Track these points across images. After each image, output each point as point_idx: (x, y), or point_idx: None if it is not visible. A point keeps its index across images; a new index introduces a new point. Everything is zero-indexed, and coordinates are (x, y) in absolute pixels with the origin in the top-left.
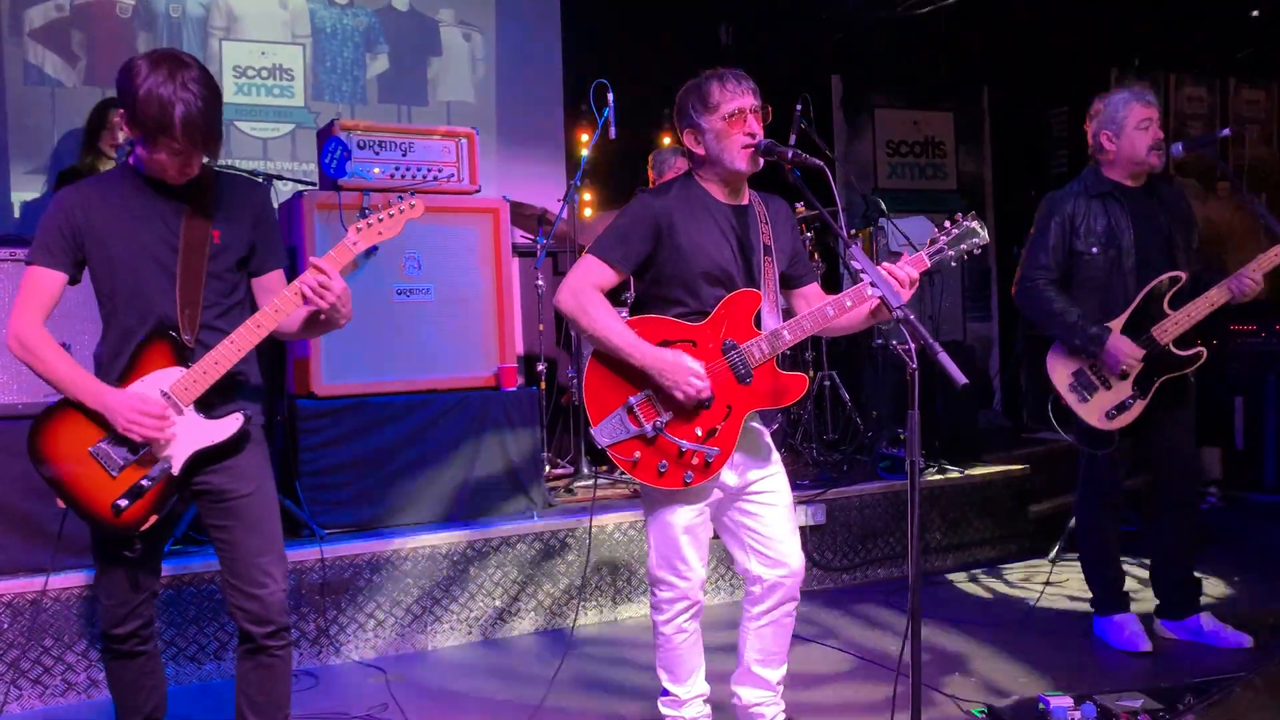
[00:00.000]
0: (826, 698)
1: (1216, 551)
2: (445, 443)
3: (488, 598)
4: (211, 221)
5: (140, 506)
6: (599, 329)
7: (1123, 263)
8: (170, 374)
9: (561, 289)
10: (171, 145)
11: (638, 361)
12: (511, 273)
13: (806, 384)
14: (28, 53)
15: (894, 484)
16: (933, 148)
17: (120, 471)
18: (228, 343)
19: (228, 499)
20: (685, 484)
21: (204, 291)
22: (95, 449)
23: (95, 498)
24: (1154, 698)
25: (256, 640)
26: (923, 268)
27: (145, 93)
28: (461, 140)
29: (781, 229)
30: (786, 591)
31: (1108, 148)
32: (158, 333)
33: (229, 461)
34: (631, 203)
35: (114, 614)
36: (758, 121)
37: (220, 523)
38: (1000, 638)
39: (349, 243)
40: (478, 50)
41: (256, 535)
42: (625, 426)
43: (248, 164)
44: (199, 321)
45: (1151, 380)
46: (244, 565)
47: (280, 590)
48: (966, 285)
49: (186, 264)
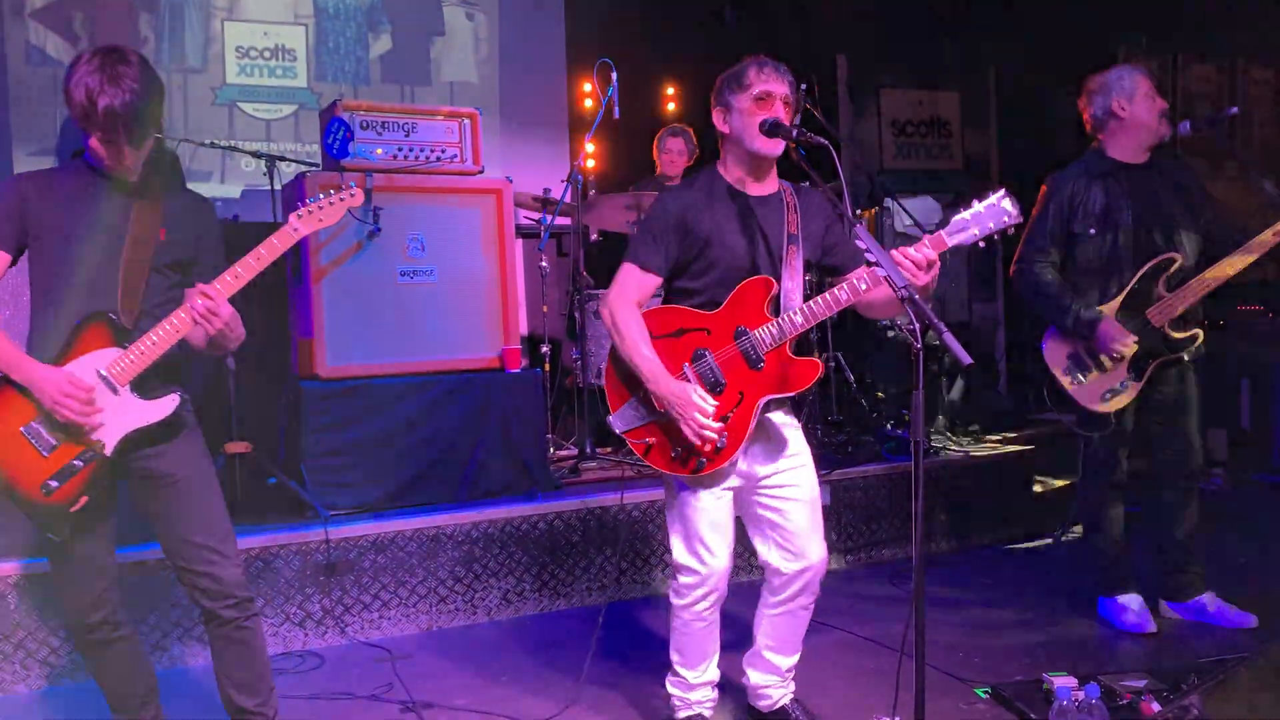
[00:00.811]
0: (831, 678)
1: (1222, 532)
2: (449, 425)
3: (493, 579)
4: (160, 220)
5: (71, 487)
6: (626, 348)
7: (1120, 244)
8: (107, 354)
9: (604, 303)
10: (96, 133)
11: (652, 388)
12: (515, 254)
13: (820, 369)
14: (29, 33)
15: (899, 465)
16: (939, 128)
17: (52, 451)
18: (166, 324)
19: (168, 482)
20: (697, 470)
21: (146, 281)
22: (27, 428)
23: (25, 478)
24: (1158, 678)
25: (220, 615)
26: (942, 248)
27: (75, 82)
28: (465, 121)
29: (812, 217)
30: (806, 585)
31: (1120, 115)
32: (97, 315)
33: (164, 446)
34: (656, 202)
35: (80, 604)
36: (786, 111)
37: (159, 508)
38: (1004, 618)
39: (290, 228)
40: (481, 30)
41: (200, 516)
42: (640, 413)
43: (251, 145)
44: (139, 309)
45: (1146, 363)
46: (190, 546)
47: (234, 565)
48: (972, 266)
49: (133, 252)
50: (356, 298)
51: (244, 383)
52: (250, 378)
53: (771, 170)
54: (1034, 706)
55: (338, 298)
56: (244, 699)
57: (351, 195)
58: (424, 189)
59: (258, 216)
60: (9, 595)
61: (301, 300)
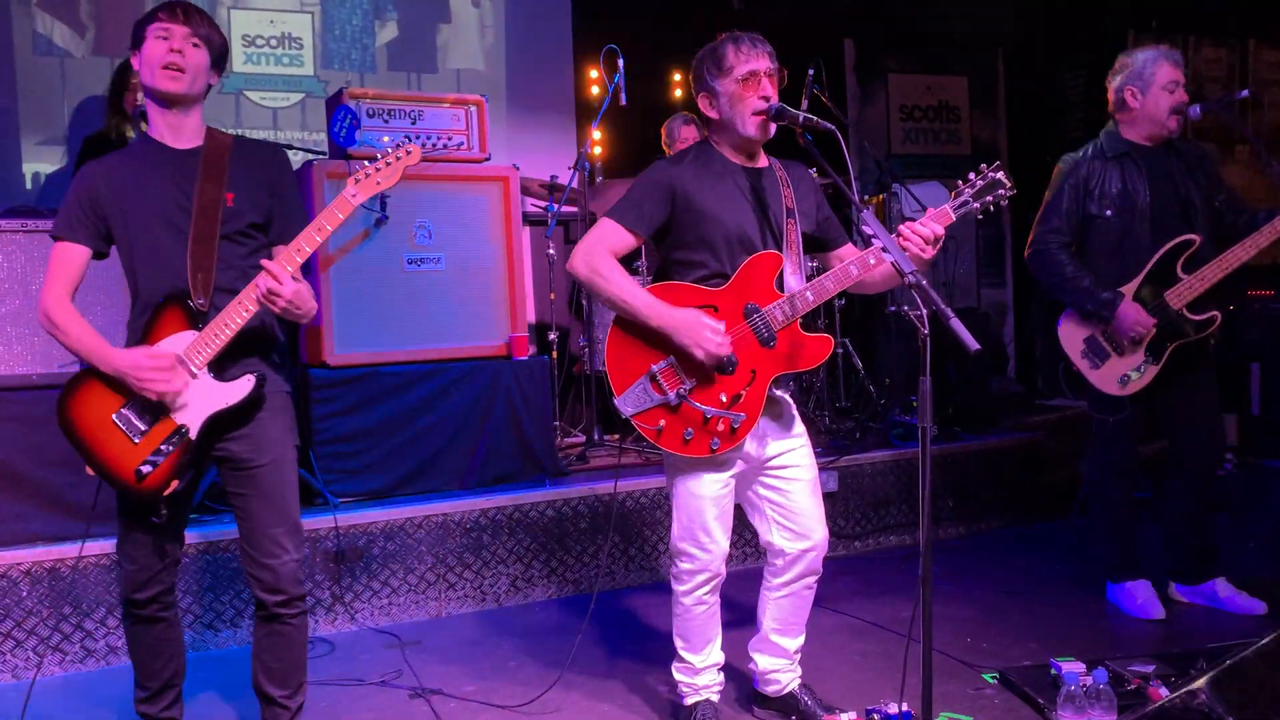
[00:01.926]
0: (839, 663)
1: (1232, 518)
2: (457, 412)
3: (501, 565)
4: (225, 184)
5: (162, 471)
6: (614, 291)
7: (1137, 226)
8: (184, 338)
9: (575, 254)
10: (153, 27)
11: (655, 322)
12: (522, 241)
13: (831, 345)
14: (36, 23)
15: (906, 451)
16: (947, 113)
17: (142, 437)
18: (236, 304)
19: (246, 467)
20: (712, 451)
21: (218, 254)
22: (117, 415)
23: (120, 464)
24: (1167, 663)
25: (269, 608)
26: (947, 221)
27: (144, 15)
28: (471, 108)
29: (804, 192)
30: (809, 565)
31: (1131, 104)
32: (171, 297)
33: (249, 429)
34: (648, 169)
35: (136, 579)
36: (772, 85)
37: (239, 490)
38: (1012, 603)
39: (348, 194)
40: (487, 17)
41: (271, 506)
42: (649, 395)
43: (258, 134)
44: (213, 284)
45: (1164, 346)
46: (258, 535)
47: (293, 561)
48: (981, 251)
49: (199, 227)
50: (364, 285)
51: None
52: None
53: (759, 146)
54: (1042, 691)
55: (345, 285)
56: (272, 688)
57: (409, 154)
58: (431, 176)
59: None
60: (21, 583)
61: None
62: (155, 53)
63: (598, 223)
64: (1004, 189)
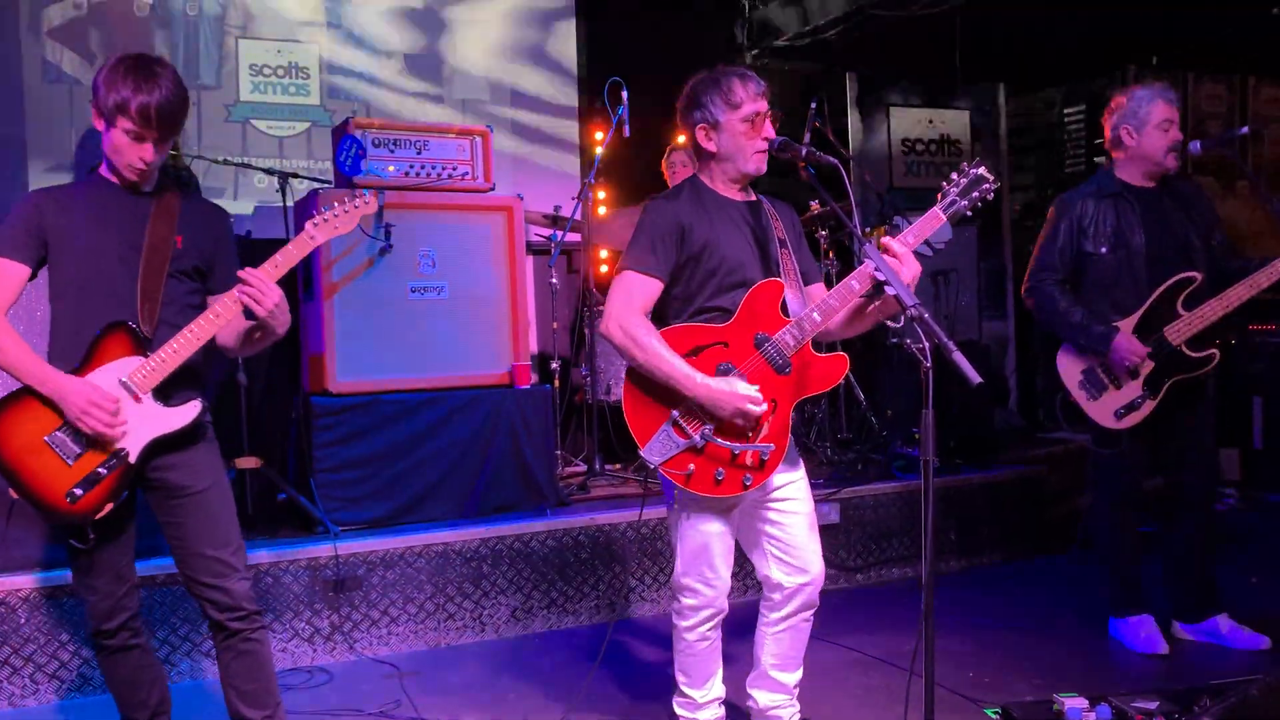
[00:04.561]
0: (840, 698)
1: (1234, 552)
2: (459, 440)
3: (501, 595)
4: (175, 227)
5: (96, 495)
6: (652, 361)
7: (1133, 263)
8: (129, 363)
9: (607, 319)
10: (127, 127)
11: (690, 393)
12: (525, 270)
13: (847, 361)
14: (46, 51)
15: (908, 484)
16: (948, 146)
17: (76, 460)
18: (186, 332)
19: (184, 494)
20: (745, 487)
21: (164, 288)
22: (51, 437)
23: (50, 486)
24: (1170, 699)
25: (228, 627)
26: (938, 223)
27: (106, 79)
28: (476, 138)
29: (788, 225)
30: (806, 598)
31: (1127, 143)
32: (117, 323)
33: (184, 457)
34: (646, 211)
35: (100, 608)
36: (772, 126)
37: (175, 519)
38: (1015, 638)
39: (307, 236)
40: (493, 48)
41: (217, 529)
42: (674, 441)
43: (264, 162)
44: (157, 316)
45: (1162, 381)
46: (205, 559)
47: (244, 580)
48: (982, 284)
49: (149, 261)
50: (367, 313)
51: (255, 398)
52: (261, 393)
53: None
54: None
55: (348, 313)
56: (250, 711)
57: (365, 203)
58: (435, 206)
59: (270, 233)
60: (19, 610)
61: (312, 316)
62: (124, 150)
63: (619, 278)
64: (988, 184)
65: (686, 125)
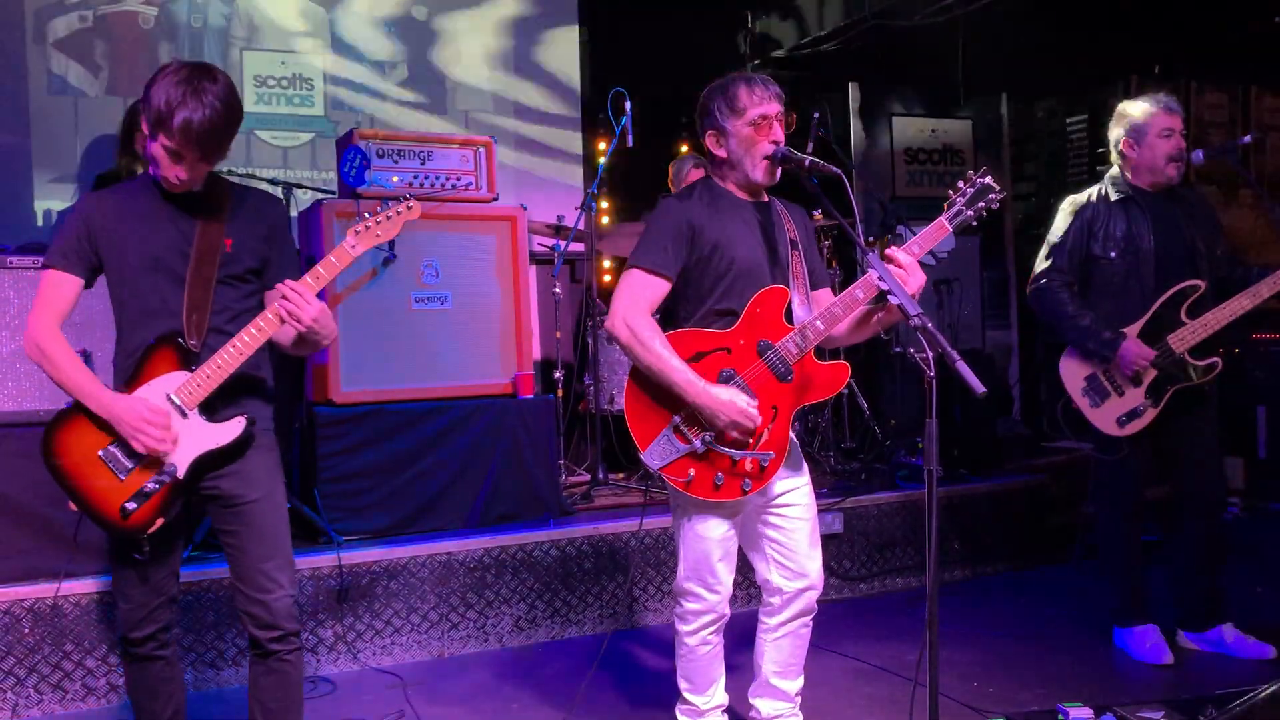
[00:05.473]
0: (844, 707)
1: (1239, 562)
2: (462, 450)
3: (504, 605)
4: (224, 229)
5: (147, 509)
6: (654, 362)
7: (1141, 269)
8: (175, 378)
9: (613, 315)
10: (166, 143)
11: (690, 399)
12: (529, 280)
13: (848, 371)
14: (51, 62)
15: (912, 493)
16: (951, 155)
17: (128, 475)
18: (231, 346)
19: (235, 504)
20: (744, 493)
21: (213, 297)
22: (104, 452)
23: (104, 500)
24: (1175, 709)
25: (264, 645)
26: (943, 234)
27: (158, 86)
28: (480, 149)
29: (800, 228)
30: (806, 604)
31: (1129, 155)
32: (164, 338)
33: (236, 466)
34: (658, 210)
35: (131, 618)
36: (781, 128)
37: (229, 528)
38: (1019, 647)
39: (348, 246)
40: (496, 58)
41: (263, 541)
42: (674, 446)
43: (268, 173)
44: (207, 326)
45: (1165, 389)
46: (250, 571)
47: (287, 596)
48: (986, 293)
49: (197, 270)
50: (371, 323)
51: None
52: None
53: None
54: None
55: (352, 323)
56: None
57: (409, 209)
58: (439, 216)
59: None
60: (24, 620)
61: None
62: (161, 164)
63: (626, 275)
64: (994, 194)
65: (700, 133)
